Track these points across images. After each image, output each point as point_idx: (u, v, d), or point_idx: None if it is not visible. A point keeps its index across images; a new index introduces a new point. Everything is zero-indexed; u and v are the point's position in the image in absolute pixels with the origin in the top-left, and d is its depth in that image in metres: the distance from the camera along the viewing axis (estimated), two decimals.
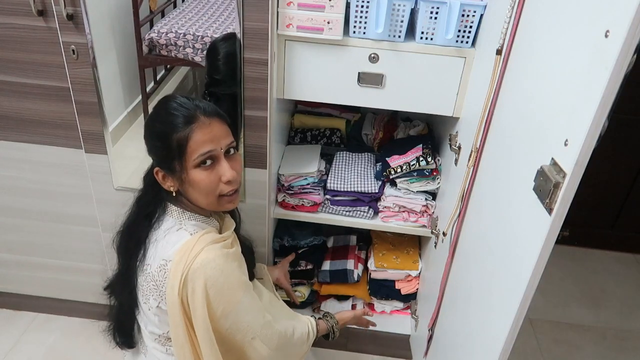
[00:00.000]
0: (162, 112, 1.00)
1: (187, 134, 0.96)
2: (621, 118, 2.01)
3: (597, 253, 2.43)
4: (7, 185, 1.60)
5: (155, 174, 1.03)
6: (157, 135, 1.00)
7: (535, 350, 1.90)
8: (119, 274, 1.14)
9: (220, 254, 0.98)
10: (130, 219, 1.11)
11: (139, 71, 1.51)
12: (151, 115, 1.05)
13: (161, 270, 0.98)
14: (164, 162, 1.01)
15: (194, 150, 0.97)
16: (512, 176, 0.95)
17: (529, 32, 0.95)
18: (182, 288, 0.95)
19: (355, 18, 1.27)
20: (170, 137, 0.97)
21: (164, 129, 0.98)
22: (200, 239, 0.98)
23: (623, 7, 0.61)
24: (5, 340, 1.77)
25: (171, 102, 1.00)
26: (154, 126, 1.02)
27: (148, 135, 1.04)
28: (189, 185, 1.00)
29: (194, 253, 0.96)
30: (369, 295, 1.83)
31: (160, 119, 1.00)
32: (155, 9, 1.51)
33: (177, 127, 0.97)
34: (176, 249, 0.98)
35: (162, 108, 1.01)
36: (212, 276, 0.95)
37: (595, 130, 0.67)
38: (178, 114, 0.98)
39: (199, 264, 0.95)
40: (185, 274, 0.95)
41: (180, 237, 1.00)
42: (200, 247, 0.97)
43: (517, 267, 0.86)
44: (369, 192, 1.58)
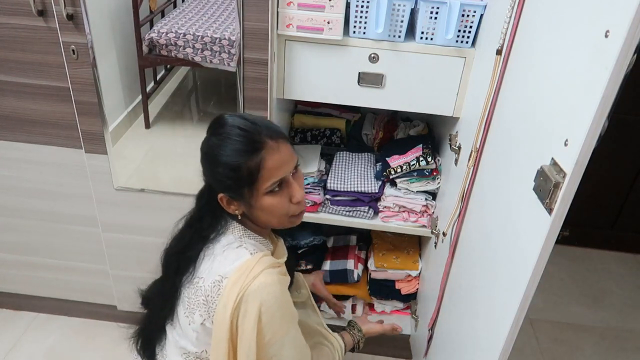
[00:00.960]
0: (226, 139, 0.94)
1: (258, 162, 0.91)
2: (621, 118, 2.01)
3: (597, 253, 2.43)
4: (7, 185, 1.60)
5: (220, 200, 0.98)
6: (224, 164, 0.94)
7: (535, 350, 1.90)
8: (161, 287, 1.09)
9: (278, 280, 0.94)
10: (185, 240, 1.05)
11: (139, 71, 1.52)
12: (211, 141, 0.97)
13: (215, 286, 0.94)
14: (231, 189, 0.96)
15: (266, 178, 0.93)
16: (512, 176, 0.95)
17: (529, 32, 0.95)
18: (235, 308, 0.91)
19: (355, 18, 1.27)
20: (241, 166, 0.92)
21: (233, 159, 0.92)
22: (261, 261, 0.95)
23: (623, 7, 0.61)
24: (5, 340, 1.77)
25: (230, 125, 0.94)
26: (217, 155, 0.94)
27: (210, 163, 0.97)
28: (258, 210, 0.97)
29: (253, 274, 0.92)
30: (369, 295, 1.83)
31: (226, 147, 0.93)
32: (155, 9, 1.52)
33: (246, 156, 0.91)
34: (235, 267, 0.94)
35: (221, 133, 0.95)
36: (267, 301, 0.91)
37: (595, 130, 0.67)
38: (245, 140, 0.92)
39: (257, 286, 0.91)
40: (242, 294, 0.91)
41: (240, 255, 0.96)
42: (260, 269, 0.93)
43: (517, 267, 0.86)
44: (369, 192, 1.58)
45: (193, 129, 1.76)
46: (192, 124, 1.81)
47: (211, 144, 0.96)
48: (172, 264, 1.05)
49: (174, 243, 1.08)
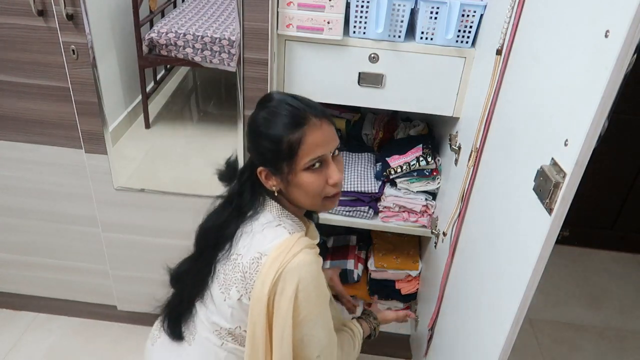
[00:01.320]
0: (269, 112, 0.97)
1: (300, 137, 0.93)
2: (621, 118, 2.01)
3: (597, 253, 2.43)
4: (7, 185, 1.60)
5: (259, 173, 1.00)
6: (266, 136, 0.96)
7: (535, 350, 1.90)
8: (195, 264, 1.09)
9: (316, 260, 0.97)
10: (223, 216, 1.06)
11: (139, 71, 1.52)
12: (258, 114, 0.99)
13: (254, 263, 0.96)
14: (271, 163, 0.97)
15: (306, 153, 0.94)
16: (512, 176, 0.95)
17: (529, 32, 0.95)
18: (273, 285, 0.92)
19: (355, 18, 1.27)
20: (282, 139, 0.94)
21: (275, 131, 0.95)
22: (300, 240, 0.97)
23: (623, 7, 0.61)
24: (5, 340, 1.77)
25: (278, 100, 0.98)
26: (262, 126, 0.97)
27: (255, 135, 0.99)
28: (294, 187, 0.98)
29: (293, 252, 0.94)
30: (369, 295, 1.83)
31: (269, 119, 0.96)
32: (155, 9, 1.51)
33: (289, 130, 0.94)
34: (274, 245, 0.95)
35: (268, 107, 0.98)
36: (305, 279, 0.93)
37: (595, 130, 0.67)
38: (288, 114, 0.95)
39: (296, 264, 0.93)
40: (281, 272, 0.92)
41: (279, 234, 0.97)
42: (299, 247, 0.95)
43: (517, 267, 0.86)
44: (369, 192, 1.58)
45: (193, 129, 1.76)
46: (192, 124, 1.81)
47: (258, 117, 0.99)
48: (208, 240, 1.06)
49: (210, 219, 1.09)
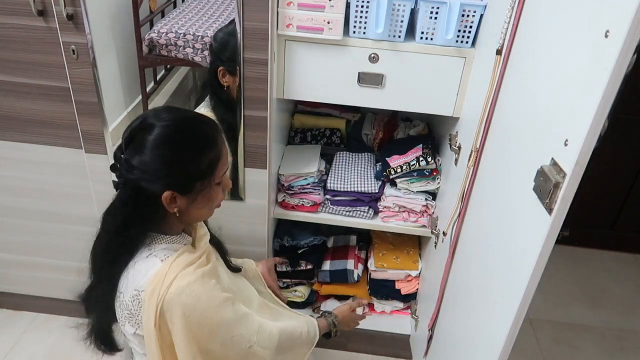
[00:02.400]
0: (186, 135, 0.93)
1: (218, 152, 0.95)
2: (621, 118, 2.01)
3: (597, 253, 2.43)
4: (7, 185, 1.60)
5: (165, 199, 0.93)
6: (185, 158, 0.93)
7: (535, 350, 1.90)
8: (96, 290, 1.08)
9: (194, 279, 0.93)
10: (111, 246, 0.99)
11: (139, 71, 1.51)
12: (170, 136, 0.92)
13: (135, 300, 0.94)
14: (184, 184, 0.94)
15: (221, 169, 0.96)
16: (512, 176, 0.95)
17: (529, 32, 0.95)
18: (159, 319, 0.92)
19: (355, 18, 1.27)
20: (202, 157, 0.93)
21: (196, 151, 0.93)
22: (172, 266, 0.93)
23: (623, 7, 0.61)
24: (5, 340, 1.77)
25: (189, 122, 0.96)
26: (180, 149, 0.92)
27: (169, 160, 0.92)
28: (199, 203, 0.96)
29: (167, 283, 0.91)
30: (369, 295, 1.83)
31: (188, 142, 0.93)
32: (155, 9, 1.51)
33: (208, 147, 0.94)
34: (148, 278, 0.92)
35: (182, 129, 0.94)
36: (188, 303, 0.91)
37: (595, 130, 0.67)
38: (204, 133, 0.94)
39: (173, 293, 0.90)
40: (160, 306, 0.90)
41: (150, 265, 0.94)
42: (173, 275, 0.92)
43: (517, 267, 0.86)
44: (369, 192, 1.58)
45: None
46: None
47: (163, 139, 0.91)
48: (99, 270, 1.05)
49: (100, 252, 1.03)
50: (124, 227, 0.95)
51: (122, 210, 0.95)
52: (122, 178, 0.94)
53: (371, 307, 1.89)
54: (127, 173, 0.92)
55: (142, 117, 0.94)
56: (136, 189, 0.92)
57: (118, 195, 0.98)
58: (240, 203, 1.50)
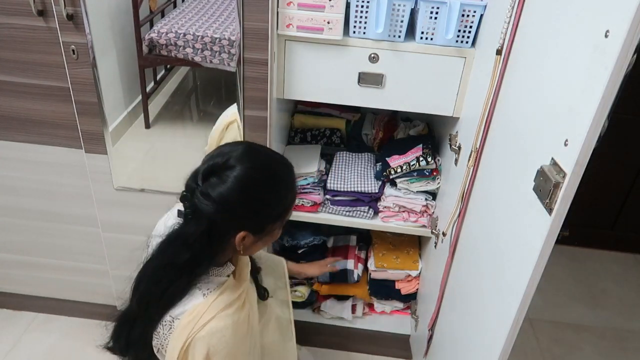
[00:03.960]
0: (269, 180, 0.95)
1: (294, 196, 1.01)
2: (621, 118, 2.01)
3: (597, 253, 2.43)
4: (7, 185, 1.60)
5: (239, 238, 0.93)
6: (265, 203, 0.94)
7: (535, 350, 1.90)
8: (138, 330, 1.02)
9: (229, 324, 0.92)
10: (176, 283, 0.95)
11: (139, 71, 1.51)
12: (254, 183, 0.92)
13: (167, 325, 0.94)
14: (259, 226, 0.96)
15: (291, 209, 1.02)
16: (512, 176, 0.95)
17: (529, 32, 0.95)
18: (183, 353, 0.91)
19: (355, 18, 1.27)
20: (282, 202, 0.98)
21: (277, 197, 0.96)
22: (213, 305, 0.92)
23: (623, 7, 0.61)
24: (5, 340, 1.77)
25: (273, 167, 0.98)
26: (262, 194, 0.93)
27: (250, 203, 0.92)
28: (263, 242, 1.00)
29: (203, 321, 0.90)
30: (369, 295, 1.83)
31: (270, 187, 0.94)
32: (155, 9, 1.51)
33: (287, 192, 0.99)
34: (186, 310, 0.92)
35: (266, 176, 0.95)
36: (215, 346, 0.91)
37: (595, 130, 0.67)
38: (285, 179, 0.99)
39: (206, 332, 0.90)
40: (190, 341, 0.90)
41: (192, 297, 0.94)
42: (211, 315, 0.91)
43: (517, 267, 0.86)
44: (369, 192, 1.58)
45: (193, 129, 1.76)
46: (192, 124, 1.81)
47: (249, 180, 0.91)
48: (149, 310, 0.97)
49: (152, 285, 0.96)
50: (192, 263, 0.92)
51: (192, 244, 0.91)
52: (192, 209, 0.90)
53: (371, 307, 1.89)
54: (204, 206, 0.88)
55: (226, 153, 0.92)
56: (210, 224, 0.89)
57: (186, 227, 0.92)
58: None
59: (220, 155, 0.92)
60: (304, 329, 1.80)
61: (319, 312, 1.87)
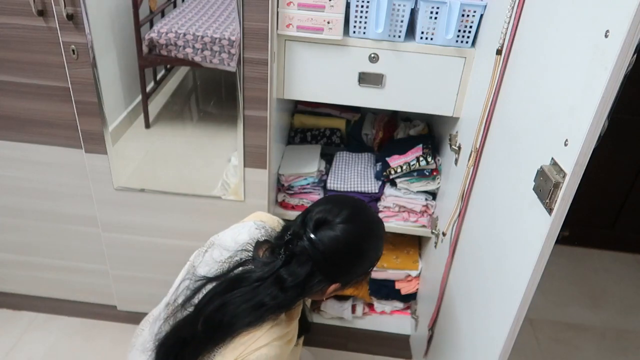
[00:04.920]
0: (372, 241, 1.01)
1: (383, 251, 1.05)
2: (621, 118, 2.01)
3: (597, 253, 2.43)
4: (7, 185, 1.60)
5: (332, 288, 0.99)
6: (364, 262, 1.01)
7: (535, 350, 1.90)
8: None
9: (278, 355, 0.94)
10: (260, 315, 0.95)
11: (139, 71, 1.51)
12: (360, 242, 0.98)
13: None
14: (353, 277, 1.01)
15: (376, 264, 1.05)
16: (512, 176, 0.95)
17: (529, 32, 0.95)
18: None
19: (355, 18, 1.28)
20: (376, 260, 1.03)
21: (374, 256, 1.02)
22: (268, 333, 0.94)
23: (623, 7, 0.61)
24: (5, 340, 1.77)
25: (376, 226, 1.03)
26: (365, 254, 1.01)
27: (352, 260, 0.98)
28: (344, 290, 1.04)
29: (257, 345, 0.92)
30: (369, 295, 1.83)
31: (372, 247, 1.02)
32: (155, 9, 1.51)
33: (381, 251, 1.04)
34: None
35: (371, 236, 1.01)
36: None
37: (595, 130, 0.67)
38: (382, 237, 1.04)
39: (256, 356, 0.91)
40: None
41: None
42: (266, 341, 0.93)
43: (517, 267, 0.86)
44: (369, 192, 1.58)
45: (193, 129, 1.75)
46: (192, 124, 1.81)
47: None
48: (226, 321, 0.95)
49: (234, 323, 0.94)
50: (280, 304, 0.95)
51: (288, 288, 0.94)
52: (292, 253, 0.95)
53: (371, 307, 1.89)
54: (311, 252, 0.93)
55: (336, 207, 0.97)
56: (312, 271, 0.94)
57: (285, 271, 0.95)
58: (240, 203, 1.50)
59: (331, 209, 0.97)
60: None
61: (319, 312, 1.87)
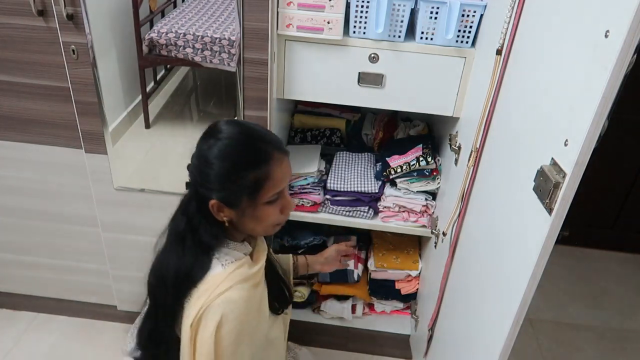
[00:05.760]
0: (233, 147, 0.93)
1: (265, 173, 0.92)
2: (621, 118, 2.01)
3: (597, 253, 2.43)
4: (7, 185, 1.60)
5: (211, 206, 0.94)
6: (229, 171, 0.92)
7: (535, 350, 1.90)
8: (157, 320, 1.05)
9: (244, 297, 0.94)
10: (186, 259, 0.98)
11: (139, 71, 1.52)
12: (215, 147, 0.93)
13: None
14: (229, 197, 0.94)
15: (269, 189, 0.93)
16: (512, 176, 0.95)
17: (529, 32, 0.95)
18: (197, 320, 0.92)
19: (355, 18, 1.27)
20: (247, 175, 0.92)
21: (241, 167, 0.92)
22: (230, 276, 0.94)
23: (623, 7, 0.61)
24: (6, 340, 1.77)
25: (242, 135, 0.94)
26: (227, 161, 0.92)
27: (217, 170, 0.92)
28: (249, 218, 0.96)
29: (220, 290, 0.92)
30: (369, 295, 1.83)
31: (233, 155, 0.93)
32: (155, 9, 1.51)
33: (255, 166, 0.92)
34: (204, 278, 0.95)
35: (230, 142, 0.93)
36: (227, 315, 0.92)
37: (595, 130, 0.67)
38: (254, 150, 0.93)
39: (222, 300, 0.91)
40: (205, 308, 0.91)
41: (211, 267, 0.96)
42: (228, 285, 0.93)
43: (517, 267, 0.86)
44: (369, 192, 1.58)
45: (193, 129, 1.76)
46: (192, 124, 1.81)
47: (214, 149, 0.92)
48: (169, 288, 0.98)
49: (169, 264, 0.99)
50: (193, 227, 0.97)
51: (185, 210, 0.98)
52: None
53: (371, 307, 1.89)
54: (190, 174, 0.97)
55: (215, 123, 0.97)
56: (195, 191, 0.97)
57: (184, 195, 1.01)
58: None
59: (213, 125, 0.97)
60: (304, 329, 1.80)
61: (319, 312, 1.87)
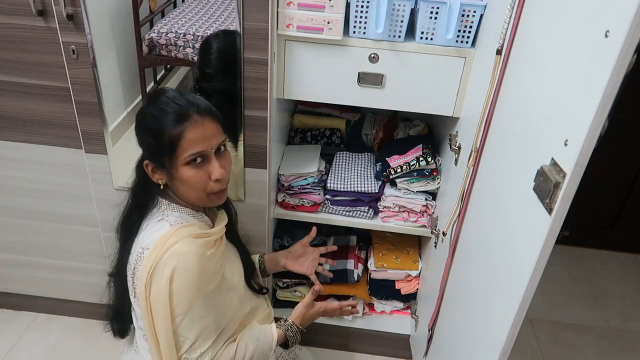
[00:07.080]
0: (154, 107, 0.99)
1: (179, 132, 0.95)
2: (621, 118, 2.01)
3: (597, 253, 2.43)
4: (7, 185, 1.60)
5: (145, 167, 1.03)
6: (148, 130, 0.99)
7: (535, 350, 1.90)
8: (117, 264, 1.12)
9: (194, 251, 0.96)
10: (125, 209, 1.10)
11: (139, 71, 1.51)
12: (143, 108, 1.02)
13: (138, 259, 0.98)
14: (154, 157, 1.00)
15: (185, 149, 0.96)
16: (512, 176, 0.95)
17: (529, 32, 0.95)
18: (149, 279, 0.94)
19: (355, 18, 1.27)
20: (162, 133, 0.96)
21: (156, 125, 0.97)
22: (178, 232, 0.97)
23: (623, 7, 0.61)
24: (6, 340, 1.77)
25: (164, 96, 0.99)
26: (146, 121, 1.00)
27: (139, 129, 1.02)
28: (177, 181, 1.00)
29: (168, 244, 0.95)
30: (369, 295, 1.83)
31: (153, 114, 0.98)
32: (155, 9, 1.51)
33: (169, 125, 0.96)
34: (154, 238, 0.97)
35: (154, 102, 1.00)
36: (178, 268, 0.94)
37: (595, 130, 0.67)
38: (171, 110, 0.97)
39: (169, 254, 0.94)
40: (155, 264, 0.93)
41: (160, 227, 0.99)
42: (175, 239, 0.96)
43: (517, 267, 0.86)
44: (369, 192, 1.58)
45: None
46: None
47: (144, 111, 1.01)
48: (118, 234, 1.11)
49: (120, 213, 1.11)
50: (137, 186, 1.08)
51: (136, 171, 1.09)
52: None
53: (371, 307, 1.89)
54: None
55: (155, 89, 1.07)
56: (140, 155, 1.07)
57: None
58: (240, 203, 1.50)
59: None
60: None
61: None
